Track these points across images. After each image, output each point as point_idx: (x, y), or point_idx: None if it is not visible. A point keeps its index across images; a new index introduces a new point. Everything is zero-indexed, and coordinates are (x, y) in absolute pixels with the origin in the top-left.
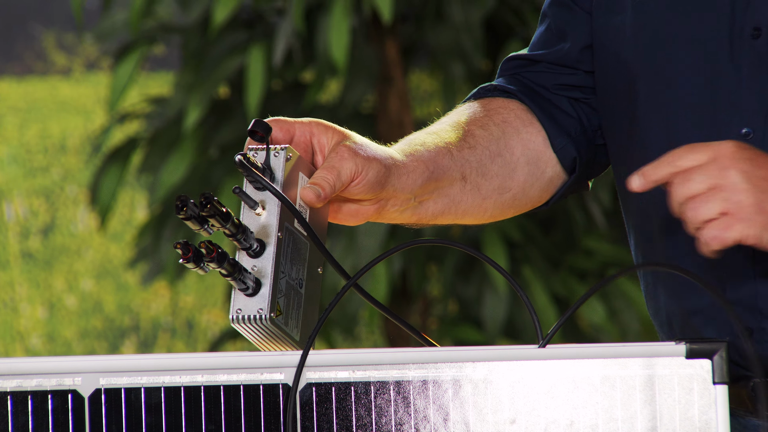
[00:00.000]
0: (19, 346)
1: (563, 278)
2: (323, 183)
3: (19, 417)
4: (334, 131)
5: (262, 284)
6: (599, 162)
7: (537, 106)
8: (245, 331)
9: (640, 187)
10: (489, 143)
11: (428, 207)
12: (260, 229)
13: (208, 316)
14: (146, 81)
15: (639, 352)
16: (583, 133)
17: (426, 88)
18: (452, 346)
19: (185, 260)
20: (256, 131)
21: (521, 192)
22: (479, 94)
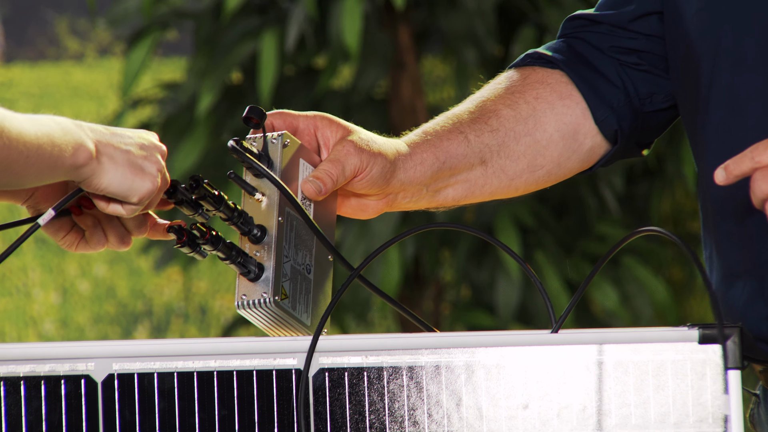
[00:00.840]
0: (32, 332)
1: (576, 263)
2: (325, 177)
3: (32, 402)
4: (339, 125)
5: (265, 268)
6: (652, 128)
7: (579, 77)
8: (252, 317)
9: (723, 182)
10: (515, 123)
11: (447, 194)
12: (261, 215)
13: (221, 301)
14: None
15: (652, 337)
16: (628, 103)
17: (439, 73)
18: (465, 331)
19: (180, 245)
20: (251, 117)
21: (556, 167)
22: (524, 61)
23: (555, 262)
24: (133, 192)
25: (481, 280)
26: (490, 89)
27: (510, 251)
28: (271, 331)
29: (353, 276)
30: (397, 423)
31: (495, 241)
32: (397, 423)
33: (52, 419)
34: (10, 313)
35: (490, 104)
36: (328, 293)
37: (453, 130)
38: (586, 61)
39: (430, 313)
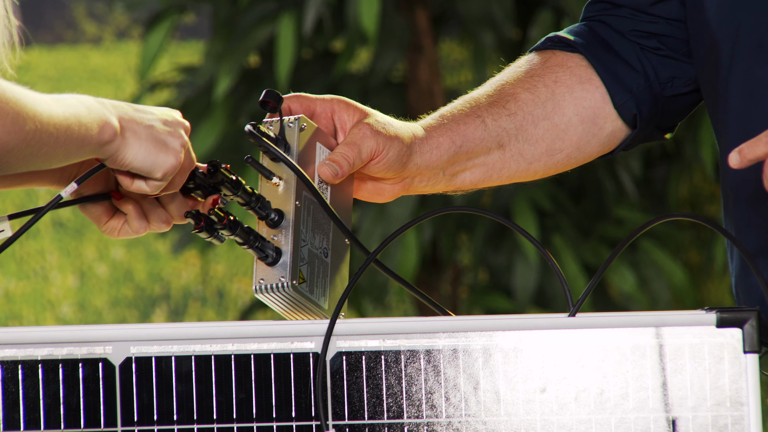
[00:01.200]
0: (49, 315)
1: (593, 247)
2: (341, 160)
3: (50, 385)
4: (356, 109)
5: (283, 252)
6: (673, 112)
7: (599, 61)
8: (270, 302)
9: (736, 165)
10: (533, 107)
11: (464, 178)
12: (278, 199)
13: (238, 284)
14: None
15: (669, 320)
16: (648, 87)
17: (456, 56)
18: (482, 315)
19: (197, 230)
20: (268, 101)
21: (576, 150)
22: (544, 44)
23: (572, 245)
24: (157, 167)
25: (498, 264)
26: (509, 72)
27: (527, 235)
28: (288, 315)
29: (369, 260)
30: (415, 406)
31: (512, 225)
32: (414, 406)
33: (70, 402)
34: (27, 297)
35: (508, 88)
36: (345, 277)
37: (470, 113)
38: (607, 45)
39: (448, 297)
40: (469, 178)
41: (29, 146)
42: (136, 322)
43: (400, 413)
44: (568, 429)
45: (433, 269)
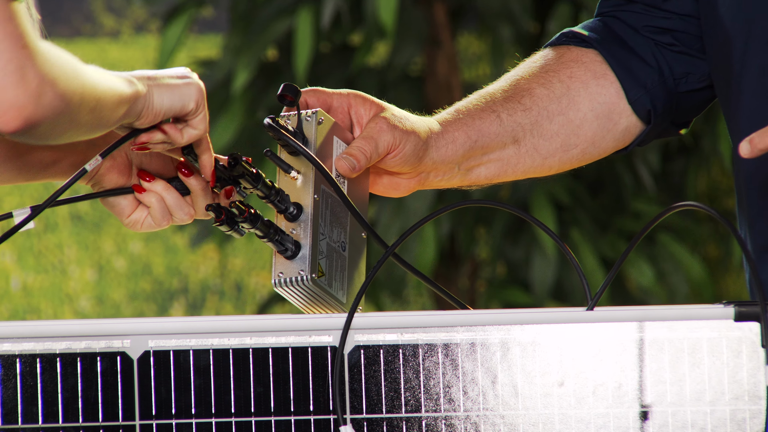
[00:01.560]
0: (68, 309)
1: (612, 241)
2: (358, 154)
3: (68, 379)
4: (372, 103)
5: (302, 245)
6: (687, 108)
7: (613, 57)
8: (289, 295)
9: (747, 154)
10: (548, 102)
11: (479, 173)
12: (296, 193)
13: (256, 278)
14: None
15: (687, 314)
16: (662, 83)
17: (474, 50)
18: (500, 308)
19: (218, 223)
20: (285, 95)
21: (591, 146)
22: (559, 40)
23: (590, 239)
24: (187, 99)
25: (516, 258)
26: (525, 68)
27: (545, 228)
28: (307, 308)
29: (388, 254)
30: (433, 400)
31: (530, 218)
32: (432, 400)
33: (88, 396)
34: (46, 290)
35: (523, 83)
36: (362, 271)
37: (485, 108)
38: (621, 41)
39: (466, 291)
40: (484, 173)
41: (82, 102)
42: (154, 315)
43: (418, 407)
44: (586, 423)
45: (451, 263)
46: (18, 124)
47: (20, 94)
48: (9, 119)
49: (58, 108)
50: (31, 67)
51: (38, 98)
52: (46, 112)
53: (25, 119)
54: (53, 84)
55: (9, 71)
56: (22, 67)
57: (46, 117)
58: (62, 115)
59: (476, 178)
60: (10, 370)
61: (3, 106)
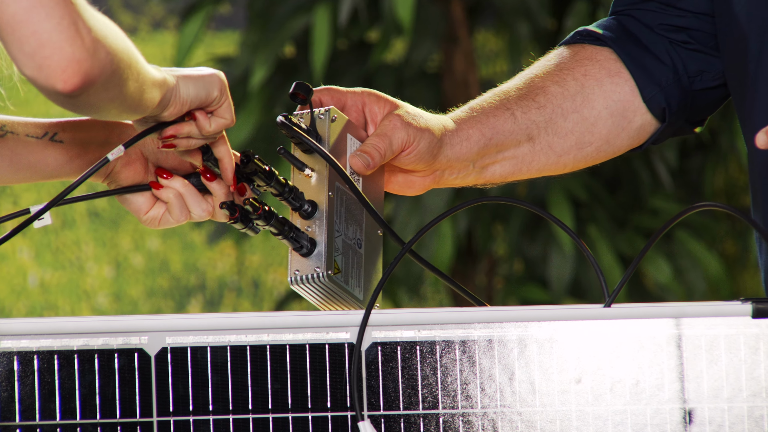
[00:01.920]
0: (85, 305)
1: (629, 238)
2: (372, 151)
3: (85, 375)
4: (386, 101)
5: (317, 243)
6: (702, 106)
7: (628, 55)
8: (305, 293)
9: (764, 145)
10: (563, 100)
11: (494, 171)
12: (311, 191)
13: (273, 275)
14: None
15: (705, 311)
16: (677, 81)
17: (491, 47)
18: (518, 305)
19: (232, 220)
20: (298, 93)
21: (605, 143)
22: (574, 38)
23: (608, 236)
24: (211, 86)
25: (534, 255)
26: (539, 66)
27: (563, 225)
28: (323, 305)
29: (404, 251)
30: (450, 397)
31: (548, 215)
32: (449, 397)
33: (106, 393)
34: (63, 287)
35: (538, 81)
36: (379, 268)
37: (500, 106)
38: (636, 39)
39: (483, 288)
40: (499, 171)
41: (130, 66)
42: (171, 312)
43: (435, 404)
44: (603, 420)
45: (468, 260)
46: (77, 81)
47: (77, 49)
48: (69, 75)
49: (111, 65)
50: (82, 21)
51: (94, 52)
52: (102, 67)
53: (84, 74)
54: (104, 39)
55: (64, 27)
56: (74, 22)
57: (102, 73)
58: (114, 75)
59: (491, 176)
60: (27, 366)
61: (62, 62)
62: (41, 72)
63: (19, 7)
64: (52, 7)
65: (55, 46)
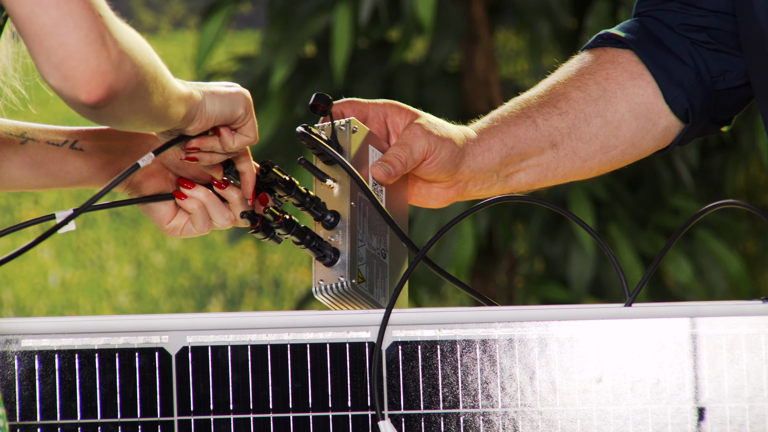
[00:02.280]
0: (106, 304)
1: (650, 237)
2: (394, 160)
3: (106, 374)
4: (408, 111)
5: (340, 252)
6: (727, 106)
7: (649, 57)
8: (330, 302)
9: None
10: (585, 105)
11: (519, 179)
12: (333, 201)
13: (294, 274)
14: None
15: (726, 310)
16: (699, 81)
17: (512, 46)
18: (538, 304)
19: (253, 230)
20: (317, 105)
21: (630, 146)
22: (595, 42)
23: (629, 235)
24: (236, 104)
25: (554, 254)
26: (561, 72)
27: (584, 224)
28: None
29: (418, 258)
30: (470, 396)
31: (569, 214)
32: (470, 396)
33: (126, 392)
34: (84, 286)
35: (559, 87)
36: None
37: (521, 114)
38: (657, 40)
39: (504, 287)
40: (525, 179)
41: (156, 78)
42: (192, 311)
43: (456, 403)
44: (624, 419)
45: (489, 259)
46: (101, 93)
47: (103, 62)
48: (93, 87)
49: (136, 78)
50: (109, 34)
51: (119, 65)
52: (126, 80)
53: (108, 87)
54: (130, 52)
55: (91, 39)
56: (102, 35)
57: (126, 86)
58: (139, 88)
59: (517, 185)
60: (48, 365)
61: (87, 74)
62: (66, 83)
63: (48, 18)
64: (80, 19)
65: (82, 58)
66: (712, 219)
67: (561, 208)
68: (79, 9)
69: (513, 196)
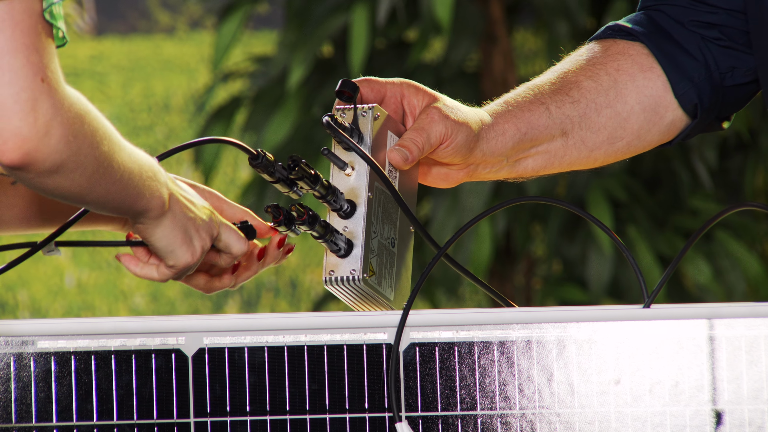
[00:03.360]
0: (122, 306)
1: (668, 238)
2: (411, 145)
3: (122, 376)
4: (425, 93)
5: (354, 245)
6: (732, 102)
7: (660, 50)
8: (339, 293)
9: None
10: (596, 95)
11: (526, 164)
12: (350, 190)
13: (311, 275)
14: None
15: (745, 312)
16: (708, 77)
17: (530, 46)
18: (556, 306)
19: (276, 223)
20: (344, 91)
21: (636, 139)
22: (605, 33)
23: (647, 236)
24: (174, 257)
25: (572, 255)
26: (571, 61)
27: (602, 225)
28: (356, 306)
29: (439, 255)
30: (488, 398)
31: (587, 215)
32: (488, 398)
33: (143, 393)
34: (101, 288)
35: (571, 75)
36: (409, 265)
37: (534, 101)
38: (667, 34)
39: (522, 288)
40: (531, 165)
41: (97, 171)
42: (208, 313)
43: (474, 405)
44: (642, 421)
45: (506, 260)
46: (15, 157)
47: (25, 126)
48: (9, 149)
49: (65, 153)
50: (45, 101)
51: (44, 135)
52: (49, 152)
53: (25, 153)
54: (65, 127)
55: (21, 99)
56: (34, 99)
57: (48, 159)
58: (68, 165)
59: (523, 170)
60: (64, 367)
61: (5, 134)
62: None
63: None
64: (16, 76)
65: (4, 115)
66: (731, 220)
67: (579, 209)
68: (20, 66)
69: (531, 197)
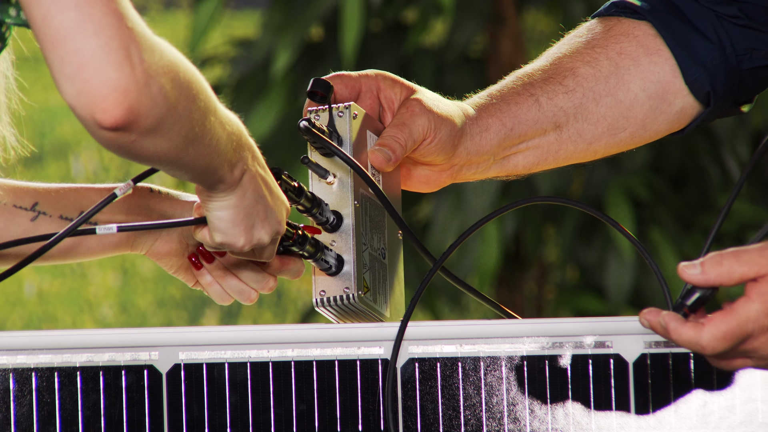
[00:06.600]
0: (88, 317)
1: (696, 241)
2: (393, 144)
3: (89, 395)
4: (402, 85)
5: (345, 261)
6: (752, 86)
7: (669, 30)
8: (331, 314)
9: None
10: (595, 83)
11: (517, 161)
12: (335, 200)
13: (298, 284)
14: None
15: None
16: (723, 61)
17: (542, 29)
18: (571, 317)
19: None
20: (316, 91)
21: (641, 128)
22: (608, 10)
23: (672, 239)
24: (223, 235)
25: (589, 260)
26: (568, 43)
27: (621, 228)
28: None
29: (435, 269)
30: (495, 419)
31: (605, 217)
32: (495, 419)
33: (111, 414)
34: (63, 297)
35: (566, 61)
36: (400, 275)
37: (522, 92)
38: (678, 12)
39: (533, 297)
40: (522, 161)
41: (192, 112)
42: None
43: (479, 427)
44: None
45: (516, 266)
46: (119, 113)
47: (123, 77)
48: (110, 105)
49: (165, 106)
50: (136, 49)
51: (144, 85)
52: (152, 104)
53: (128, 108)
54: (164, 75)
55: (112, 48)
56: (126, 47)
57: (150, 112)
58: (167, 120)
59: (514, 168)
60: (24, 385)
61: (103, 88)
62: (80, 98)
63: (64, 20)
64: (102, 24)
65: (98, 68)
66: (763, 222)
67: (596, 211)
68: (102, 14)
69: (544, 197)
